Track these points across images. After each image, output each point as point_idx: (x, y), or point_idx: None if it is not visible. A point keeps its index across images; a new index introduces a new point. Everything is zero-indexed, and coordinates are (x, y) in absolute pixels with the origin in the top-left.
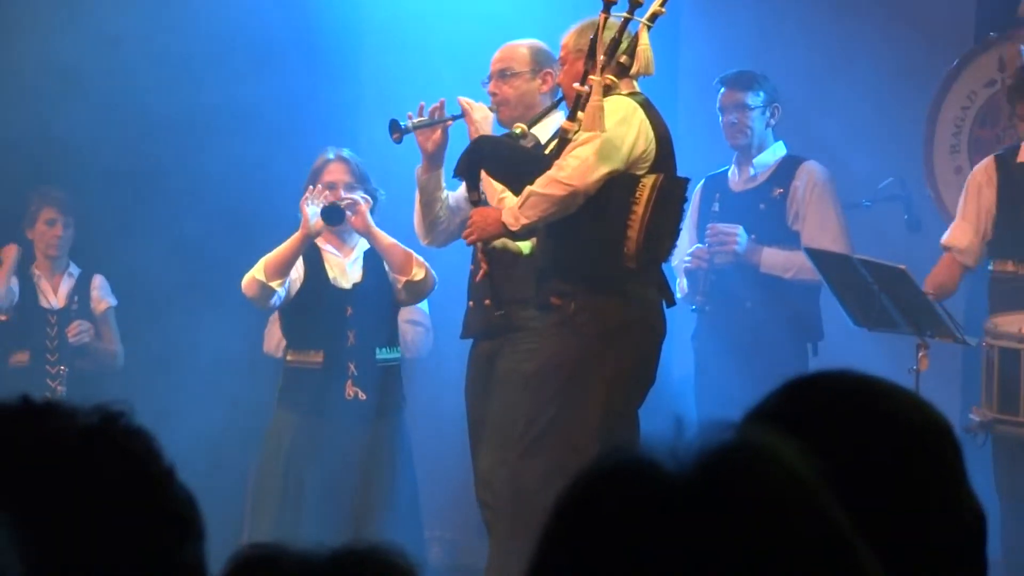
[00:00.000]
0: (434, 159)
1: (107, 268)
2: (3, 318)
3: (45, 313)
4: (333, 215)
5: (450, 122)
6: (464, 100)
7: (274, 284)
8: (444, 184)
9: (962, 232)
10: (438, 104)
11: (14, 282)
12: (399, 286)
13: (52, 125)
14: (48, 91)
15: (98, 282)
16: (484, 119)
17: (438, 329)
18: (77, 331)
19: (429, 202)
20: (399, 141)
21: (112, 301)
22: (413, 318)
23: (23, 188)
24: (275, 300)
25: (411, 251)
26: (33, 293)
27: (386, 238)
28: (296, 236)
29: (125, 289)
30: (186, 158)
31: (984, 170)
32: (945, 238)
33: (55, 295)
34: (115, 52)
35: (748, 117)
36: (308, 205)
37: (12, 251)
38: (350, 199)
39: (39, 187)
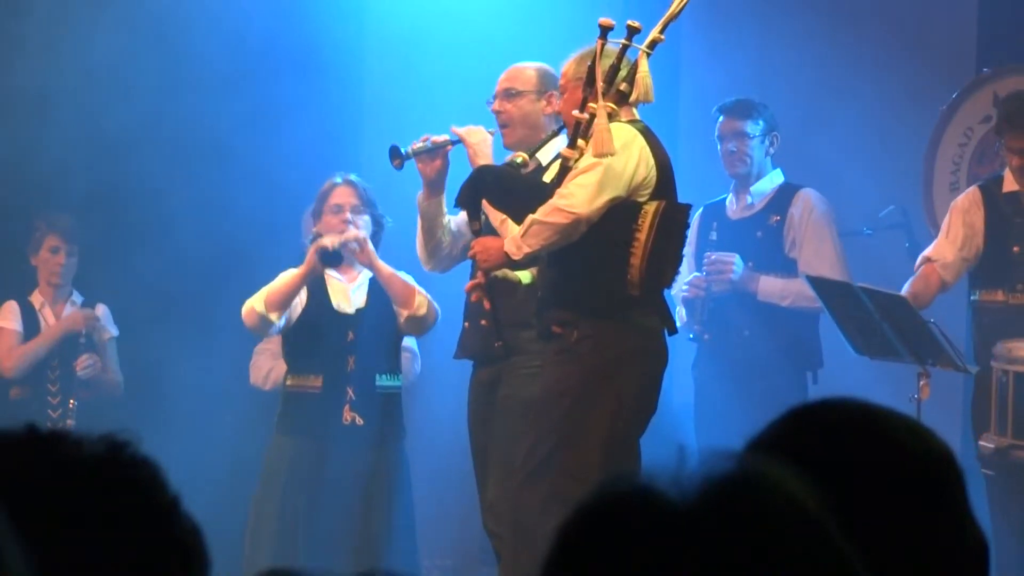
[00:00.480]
0: (435, 186)
1: (108, 296)
2: (25, 392)
3: None
4: (330, 258)
5: (450, 147)
6: (459, 129)
7: (273, 316)
8: (446, 210)
9: (946, 248)
10: (439, 137)
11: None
12: (401, 319)
13: (50, 150)
14: (42, 117)
15: (101, 311)
16: (483, 142)
17: (437, 353)
18: (86, 365)
19: (431, 228)
20: (400, 167)
21: (114, 331)
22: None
23: (26, 214)
24: (273, 330)
25: (414, 285)
26: (34, 322)
27: (388, 270)
28: (300, 271)
29: (124, 318)
30: (182, 185)
31: (971, 199)
32: (928, 251)
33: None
34: (111, 76)
35: (747, 146)
36: (312, 237)
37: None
38: (352, 235)
39: (45, 213)
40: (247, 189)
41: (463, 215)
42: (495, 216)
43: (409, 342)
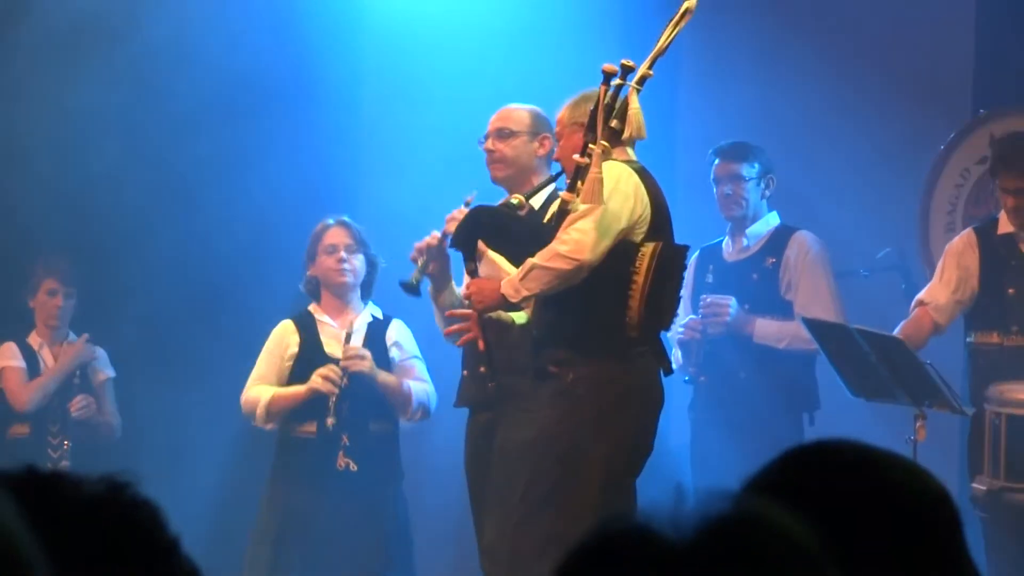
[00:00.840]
0: (442, 281)
1: (104, 338)
2: (25, 431)
3: None
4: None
5: (445, 242)
6: (448, 224)
7: (268, 426)
8: (457, 291)
9: (939, 291)
10: (427, 239)
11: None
12: (397, 415)
13: (35, 194)
14: (25, 160)
15: (98, 353)
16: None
17: (437, 398)
18: (80, 406)
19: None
20: (419, 295)
21: (111, 373)
22: (418, 380)
23: (23, 256)
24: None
25: (411, 394)
26: (34, 362)
27: (387, 380)
28: (303, 391)
29: (121, 359)
30: (173, 225)
31: (965, 241)
32: (921, 294)
33: (55, 365)
34: (92, 118)
35: (743, 188)
36: (306, 280)
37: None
38: (358, 369)
39: (43, 256)
40: (234, 228)
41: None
42: (492, 262)
43: (424, 374)
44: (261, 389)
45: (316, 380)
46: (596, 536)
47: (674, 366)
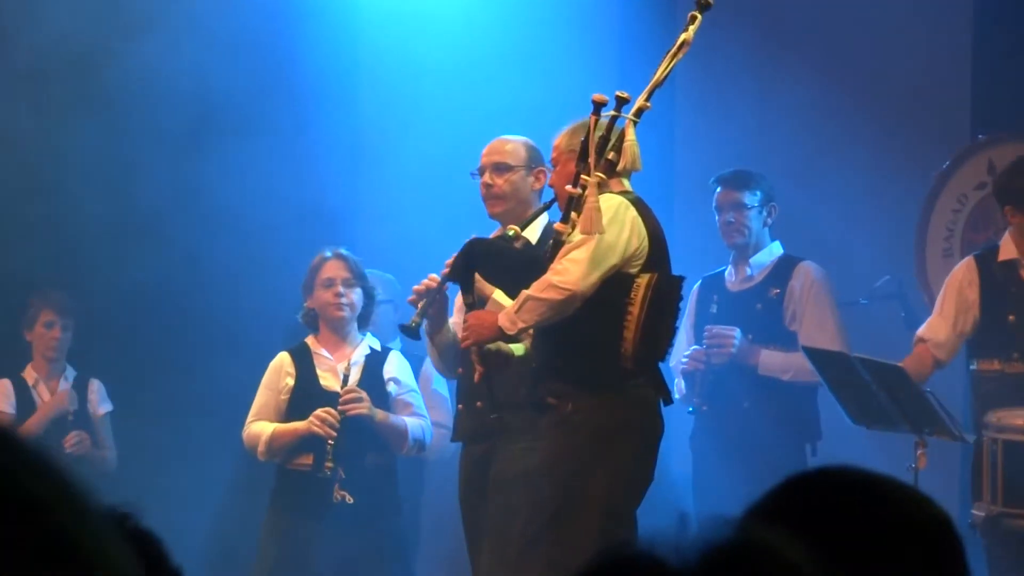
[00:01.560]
0: (439, 321)
1: (102, 371)
2: None
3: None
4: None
5: (445, 287)
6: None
7: (275, 459)
8: (453, 329)
9: (939, 326)
10: (426, 282)
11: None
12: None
13: (56, 221)
14: (51, 187)
15: (95, 386)
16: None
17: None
18: (74, 442)
19: (446, 350)
20: (419, 337)
21: (108, 407)
22: (439, 420)
23: (20, 291)
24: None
25: (407, 430)
26: (28, 399)
27: (386, 420)
28: (303, 427)
29: (118, 392)
30: (168, 257)
31: (965, 270)
32: (921, 331)
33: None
34: (99, 146)
35: (745, 216)
36: (304, 312)
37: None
38: (355, 406)
39: (40, 290)
40: (229, 256)
41: (458, 308)
42: (486, 289)
43: (420, 408)
44: (263, 425)
45: (314, 423)
46: (599, 563)
47: (676, 396)
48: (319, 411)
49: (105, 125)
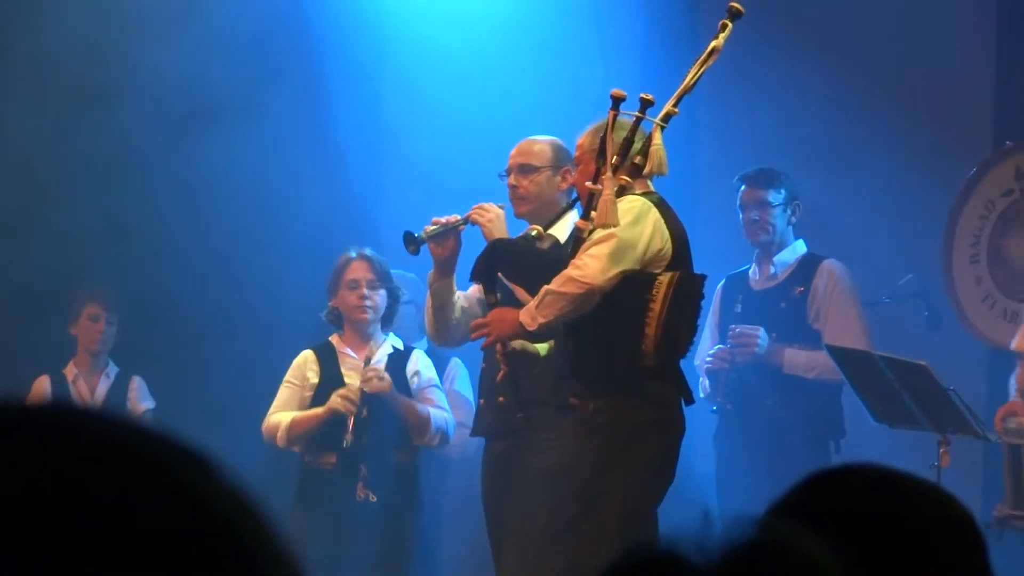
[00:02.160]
0: (446, 267)
1: (143, 368)
2: None
3: None
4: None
5: (463, 227)
6: (474, 211)
7: (292, 448)
8: (456, 288)
9: None
10: (451, 217)
11: None
12: (413, 440)
13: (92, 223)
14: (81, 185)
15: (136, 383)
16: (496, 218)
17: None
18: None
19: (442, 307)
20: (416, 253)
21: (150, 404)
22: (461, 419)
23: (64, 287)
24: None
25: (430, 418)
26: (66, 394)
27: (405, 405)
28: (322, 411)
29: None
30: (203, 255)
31: None
32: (1015, 343)
33: (91, 397)
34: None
35: (770, 215)
36: (328, 311)
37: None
38: (376, 382)
39: (86, 285)
40: (255, 254)
41: (473, 290)
42: (520, 291)
43: (443, 403)
44: (281, 415)
45: (335, 400)
46: (623, 562)
47: (701, 395)
48: (340, 389)
49: (122, 117)
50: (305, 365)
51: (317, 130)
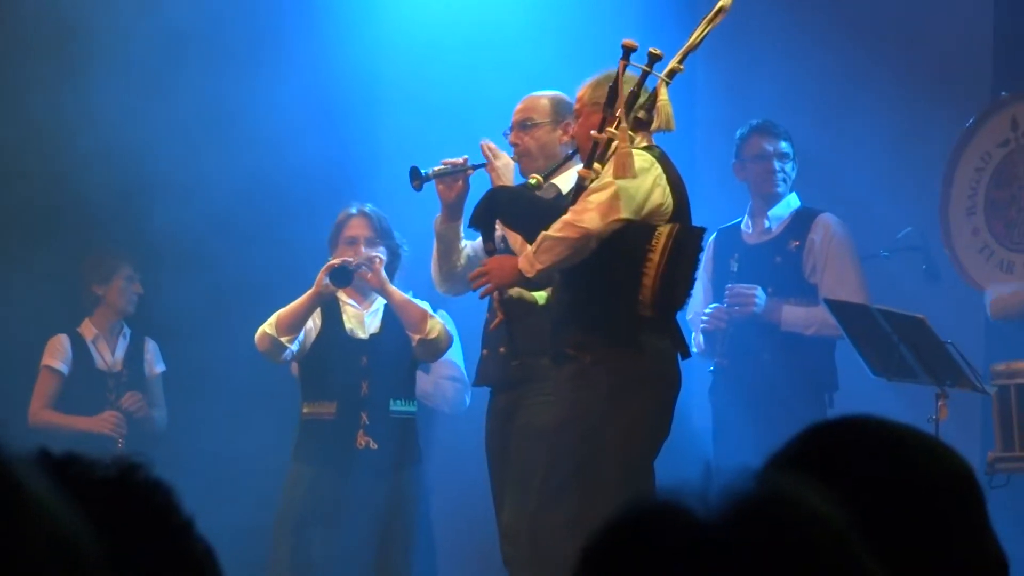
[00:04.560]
0: (454, 210)
1: (155, 332)
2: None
3: (104, 376)
4: (340, 277)
5: (471, 171)
6: (487, 146)
7: (284, 339)
8: (463, 234)
9: None
10: (460, 160)
11: None
12: (413, 343)
13: (96, 190)
14: (100, 153)
15: (150, 347)
16: (506, 166)
17: None
18: (136, 404)
19: (447, 252)
20: (419, 188)
21: (162, 367)
22: (451, 374)
23: (72, 248)
24: (287, 355)
25: (426, 309)
26: (86, 356)
27: (400, 296)
28: (308, 294)
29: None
30: (208, 216)
31: None
32: (992, 309)
33: (112, 356)
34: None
35: (787, 165)
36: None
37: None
38: (366, 257)
39: (109, 247)
40: (268, 215)
41: (480, 241)
42: (515, 239)
43: (459, 372)
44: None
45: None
46: (625, 513)
47: (695, 350)
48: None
49: (134, 80)
50: None
51: (312, 81)
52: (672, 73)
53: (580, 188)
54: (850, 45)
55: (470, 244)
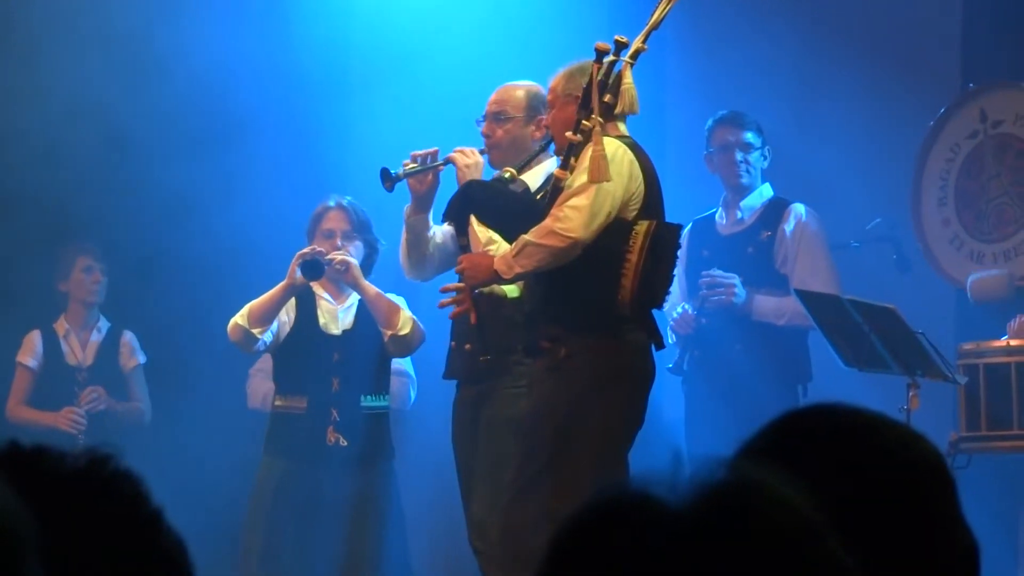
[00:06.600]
0: (423, 202)
1: (134, 323)
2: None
3: (72, 372)
4: (311, 270)
5: (441, 167)
6: (458, 151)
7: (256, 331)
8: (431, 223)
9: None
10: (430, 151)
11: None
12: (385, 339)
13: (85, 182)
14: (66, 144)
15: (127, 338)
16: (475, 164)
17: (424, 372)
18: (90, 399)
19: (416, 241)
20: (391, 190)
21: (141, 358)
22: (397, 368)
23: (48, 246)
24: (259, 345)
25: (399, 305)
26: (56, 352)
27: (372, 290)
28: (280, 286)
29: (150, 345)
30: (188, 229)
31: None
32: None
33: (83, 351)
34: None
35: (752, 156)
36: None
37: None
38: (341, 258)
39: (71, 241)
40: (261, 217)
41: (448, 226)
42: (476, 242)
43: (406, 367)
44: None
45: (293, 264)
46: (595, 501)
47: (670, 341)
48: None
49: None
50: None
51: (285, 84)
52: (636, 54)
53: (556, 190)
54: (820, 35)
55: (439, 230)
